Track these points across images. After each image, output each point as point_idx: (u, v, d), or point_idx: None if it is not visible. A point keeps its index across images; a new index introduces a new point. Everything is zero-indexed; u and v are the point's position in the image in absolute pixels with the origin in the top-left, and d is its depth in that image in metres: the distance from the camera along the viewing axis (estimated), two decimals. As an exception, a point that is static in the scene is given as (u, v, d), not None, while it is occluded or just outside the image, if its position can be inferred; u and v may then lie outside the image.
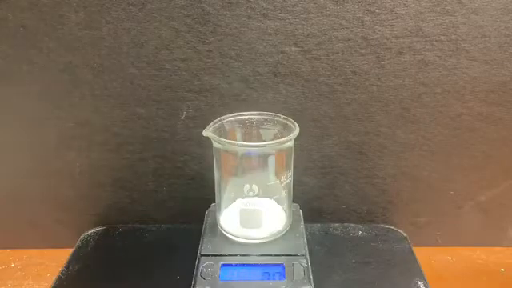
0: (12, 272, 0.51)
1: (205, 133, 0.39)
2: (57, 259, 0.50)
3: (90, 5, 0.43)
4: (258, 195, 0.40)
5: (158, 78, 0.46)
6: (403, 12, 0.43)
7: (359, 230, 0.52)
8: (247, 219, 0.41)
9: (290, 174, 0.42)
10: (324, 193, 0.53)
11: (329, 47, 0.45)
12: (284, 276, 0.37)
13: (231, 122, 0.42)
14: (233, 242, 0.41)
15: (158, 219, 0.54)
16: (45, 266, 0.51)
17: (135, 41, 0.44)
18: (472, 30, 0.44)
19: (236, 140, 0.42)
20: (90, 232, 0.52)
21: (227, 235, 0.42)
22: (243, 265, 0.39)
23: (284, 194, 0.42)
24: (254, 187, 0.40)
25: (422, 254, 0.49)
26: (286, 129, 0.41)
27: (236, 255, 0.39)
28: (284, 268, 0.38)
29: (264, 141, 0.40)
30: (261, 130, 0.43)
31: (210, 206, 0.47)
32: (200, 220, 0.45)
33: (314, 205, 0.53)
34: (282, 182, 0.41)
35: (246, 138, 0.42)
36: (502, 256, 0.53)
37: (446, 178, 0.51)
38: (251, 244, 0.41)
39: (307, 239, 0.42)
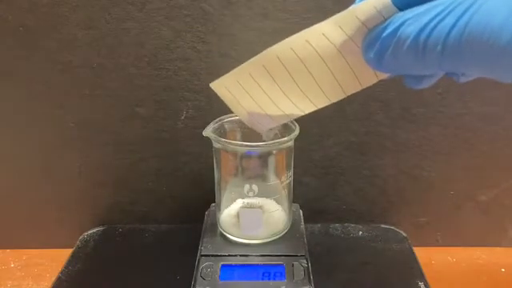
0: (12, 272, 0.51)
1: (205, 133, 0.39)
2: (57, 259, 0.50)
3: (90, 5, 0.43)
4: (257, 195, 0.40)
5: (158, 78, 0.46)
6: (403, 12, 0.43)
7: (359, 230, 0.52)
8: (247, 219, 0.41)
9: (290, 173, 0.42)
10: (324, 193, 0.53)
11: (329, 47, 0.45)
12: (284, 276, 0.37)
13: (231, 121, 0.42)
14: (233, 242, 0.41)
15: (158, 219, 0.54)
16: (45, 266, 0.51)
17: (135, 41, 0.44)
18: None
19: (236, 140, 0.42)
20: (89, 232, 0.52)
21: (227, 235, 0.42)
22: (243, 265, 0.39)
23: (284, 193, 0.42)
24: (254, 187, 0.40)
25: (422, 254, 0.49)
26: (286, 129, 0.41)
27: (236, 255, 0.39)
28: (284, 268, 0.38)
29: (264, 141, 0.40)
30: (261, 130, 0.43)
31: (210, 206, 0.47)
32: (200, 220, 0.45)
33: (314, 205, 0.53)
34: (282, 182, 0.41)
35: (246, 138, 0.42)
36: (502, 256, 0.53)
37: (446, 178, 0.51)
38: (251, 244, 0.41)
39: (307, 239, 0.42)
